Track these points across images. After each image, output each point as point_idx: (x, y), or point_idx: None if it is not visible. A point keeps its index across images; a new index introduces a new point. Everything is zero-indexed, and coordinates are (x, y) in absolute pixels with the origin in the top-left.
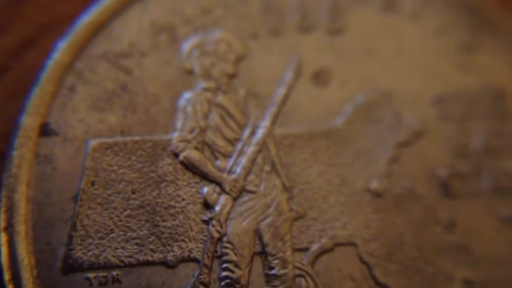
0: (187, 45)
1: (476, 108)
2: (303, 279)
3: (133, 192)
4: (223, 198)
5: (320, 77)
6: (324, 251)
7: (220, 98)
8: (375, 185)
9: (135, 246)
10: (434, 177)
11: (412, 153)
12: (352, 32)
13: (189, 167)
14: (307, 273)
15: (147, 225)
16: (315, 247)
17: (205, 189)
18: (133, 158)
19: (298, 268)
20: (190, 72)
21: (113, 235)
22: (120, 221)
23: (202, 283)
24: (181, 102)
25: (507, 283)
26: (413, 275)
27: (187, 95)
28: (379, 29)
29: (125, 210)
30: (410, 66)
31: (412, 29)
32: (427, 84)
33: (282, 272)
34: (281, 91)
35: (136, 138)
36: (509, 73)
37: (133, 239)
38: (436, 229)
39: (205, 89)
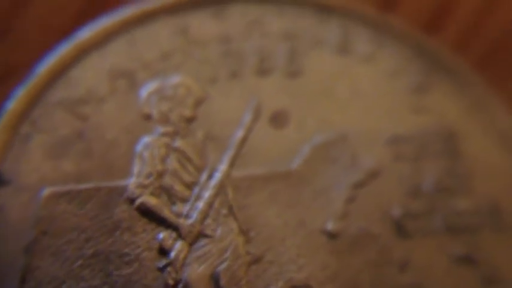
0: (145, 91)
1: (429, 148)
2: None
3: (86, 241)
4: (179, 244)
5: (278, 119)
6: None
7: (178, 143)
8: (331, 226)
9: None
10: (388, 217)
11: (367, 194)
12: (309, 75)
13: (145, 213)
14: None
15: (100, 274)
16: None
17: (161, 235)
18: (88, 205)
19: None
20: (148, 117)
21: (64, 286)
22: (72, 271)
23: None
24: (139, 148)
25: None
26: None
27: (145, 139)
28: (335, 72)
29: (77, 259)
30: (365, 107)
31: (367, 71)
32: (381, 125)
33: None
34: (239, 133)
35: (91, 185)
36: (459, 113)
37: None
38: (391, 269)
39: (163, 134)
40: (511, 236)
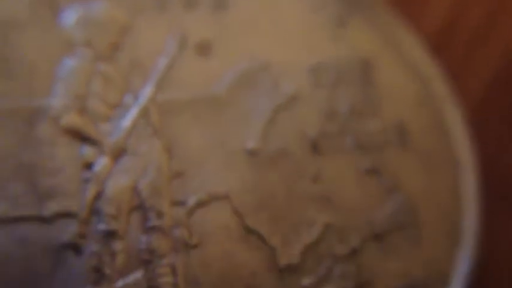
0: (69, 15)
1: (345, 76)
2: (178, 229)
3: (10, 156)
4: (102, 159)
5: (203, 49)
6: (200, 205)
7: (102, 66)
8: (251, 144)
9: (8, 204)
10: (305, 137)
11: (286, 117)
12: (234, 8)
13: (69, 131)
14: (183, 224)
15: (24, 183)
16: (191, 201)
17: (85, 151)
18: (11, 123)
19: (174, 220)
20: (71, 40)
21: None
22: None
23: (80, 235)
24: (62, 70)
25: (361, 226)
26: (281, 222)
27: (68, 62)
28: (260, 6)
29: (2, 171)
30: (287, 39)
31: (291, 4)
32: (302, 55)
33: (157, 223)
34: (164, 61)
35: (14, 104)
36: (374, 46)
37: (7, 197)
38: (304, 182)
39: (87, 58)
40: (412, 151)
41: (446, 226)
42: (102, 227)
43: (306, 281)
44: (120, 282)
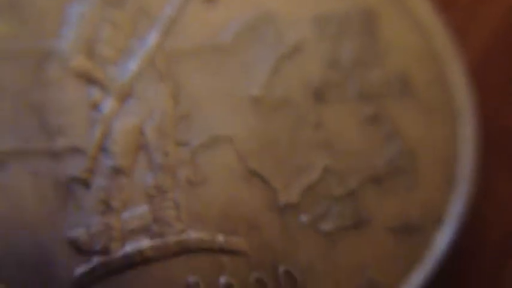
0: None
1: (349, 27)
2: (182, 168)
3: (20, 95)
4: (109, 101)
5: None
6: (204, 146)
7: (111, 12)
8: (255, 92)
9: (20, 139)
10: (308, 86)
11: (290, 66)
12: None
13: (78, 73)
14: (187, 162)
15: (34, 121)
16: (195, 142)
17: (92, 93)
18: (21, 65)
19: (179, 159)
20: None
21: None
22: (5, 118)
23: (88, 170)
24: (71, 14)
25: (360, 170)
26: (283, 166)
27: (77, 6)
28: None
29: (11, 108)
30: None
31: None
32: (307, 6)
33: (163, 161)
34: (170, 9)
35: (24, 46)
36: None
37: (18, 134)
38: (306, 129)
39: (96, 2)
40: (414, 101)
41: (443, 172)
42: (109, 163)
43: (304, 218)
44: (127, 214)
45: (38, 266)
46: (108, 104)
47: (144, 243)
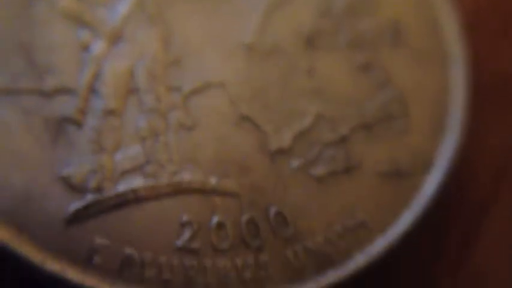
0: None
1: None
2: (174, 112)
3: (9, 34)
4: (99, 43)
5: None
6: (195, 91)
7: None
8: (247, 39)
9: (9, 77)
10: (299, 33)
11: (282, 14)
12: None
13: (67, 14)
14: (179, 106)
15: (23, 60)
16: (187, 87)
17: (82, 34)
18: (9, 3)
19: (171, 103)
20: None
21: None
22: None
23: (79, 110)
24: None
25: (351, 116)
26: (274, 112)
27: None
28: None
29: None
30: None
31: None
32: None
33: (154, 105)
34: None
35: None
36: None
37: (8, 72)
38: (298, 76)
39: None
40: (405, 49)
41: (433, 118)
42: (100, 105)
43: (295, 162)
44: (119, 155)
45: (31, 201)
46: (98, 46)
47: (137, 182)
